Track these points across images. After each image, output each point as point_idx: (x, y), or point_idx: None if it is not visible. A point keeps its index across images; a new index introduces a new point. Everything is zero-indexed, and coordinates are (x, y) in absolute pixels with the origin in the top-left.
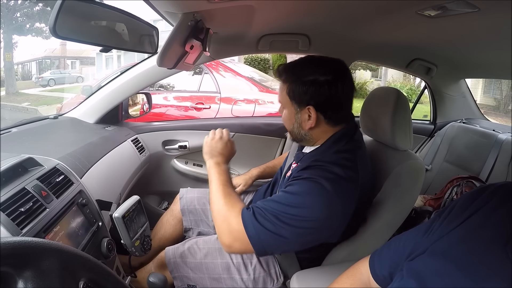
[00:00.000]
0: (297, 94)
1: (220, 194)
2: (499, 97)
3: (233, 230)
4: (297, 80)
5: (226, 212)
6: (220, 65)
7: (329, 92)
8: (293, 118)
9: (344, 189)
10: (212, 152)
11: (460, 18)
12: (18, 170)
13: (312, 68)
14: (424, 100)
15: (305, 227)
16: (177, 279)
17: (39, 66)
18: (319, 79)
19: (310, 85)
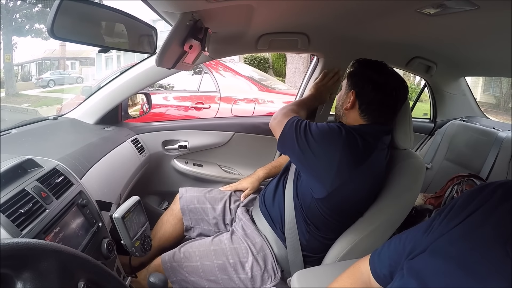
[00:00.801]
0: (352, 78)
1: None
2: (499, 95)
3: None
4: (359, 69)
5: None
6: (220, 64)
7: (372, 91)
8: (341, 96)
9: (356, 147)
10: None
11: (460, 16)
12: (18, 171)
13: (374, 69)
14: (424, 98)
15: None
16: (175, 283)
17: (39, 67)
18: (373, 77)
19: (363, 77)
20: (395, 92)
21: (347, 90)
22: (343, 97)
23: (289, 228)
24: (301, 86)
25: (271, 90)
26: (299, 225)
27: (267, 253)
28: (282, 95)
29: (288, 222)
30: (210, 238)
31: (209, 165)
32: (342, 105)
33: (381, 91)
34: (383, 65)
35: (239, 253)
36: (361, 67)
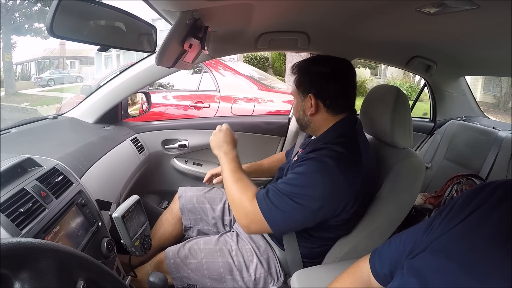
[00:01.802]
0: (301, 83)
1: (232, 181)
2: (498, 94)
3: (249, 212)
4: (303, 72)
5: (240, 197)
6: (220, 63)
7: (327, 83)
8: (298, 106)
9: (347, 164)
10: (218, 144)
11: (460, 15)
12: (18, 171)
13: (317, 63)
14: (423, 98)
15: (314, 205)
16: (177, 279)
17: (38, 66)
18: (320, 71)
19: (312, 76)
20: (346, 75)
21: (302, 97)
22: (301, 105)
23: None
24: None
25: (271, 89)
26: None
27: (270, 256)
28: (281, 94)
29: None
30: (216, 237)
31: (209, 164)
32: (304, 113)
33: (335, 80)
34: (321, 56)
35: (244, 255)
36: (303, 69)
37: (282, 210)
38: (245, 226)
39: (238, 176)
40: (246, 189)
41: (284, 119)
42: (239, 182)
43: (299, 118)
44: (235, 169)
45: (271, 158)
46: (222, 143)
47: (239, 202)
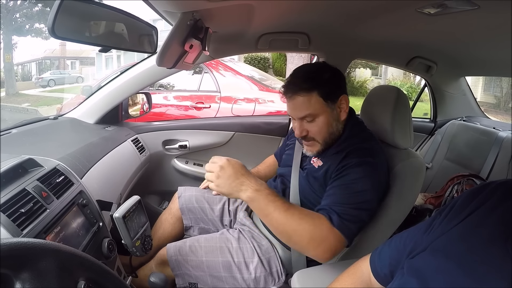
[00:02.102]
0: (331, 92)
1: (287, 216)
2: (499, 94)
3: (331, 241)
4: (323, 81)
5: (309, 227)
6: (220, 64)
7: (343, 77)
8: (331, 118)
9: (381, 158)
10: (235, 185)
11: (460, 16)
12: (18, 171)
13: (318, 67)
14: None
15: (374, 204)
16: (179, 276)
17: (39, 66)
18: (331, 70)
19: (333, 78)
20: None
21: (332, 106)
22: (334, 115)
23: None
24: None
25: (271, 89)
26: None
27: (272, 256)
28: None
29: None
30: (217, 234)
31: None
32: (338, 121)
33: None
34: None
35: (245, 253)
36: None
37: (357, 222)
38: (325, 259)
39: (287, 206)
40: (310, 215)
41: (285, 120)
42: (295, 213)
43: (333, 132)
44: (282, 202)
45: (264, 164)
46: (241, 181)
47: (310, 232)
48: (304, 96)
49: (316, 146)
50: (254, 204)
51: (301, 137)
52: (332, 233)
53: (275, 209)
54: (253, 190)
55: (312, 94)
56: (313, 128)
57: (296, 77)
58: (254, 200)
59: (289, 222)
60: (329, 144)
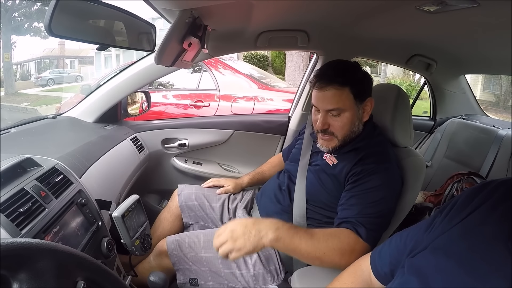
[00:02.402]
0: (360, 92)
1: (315, 241)
2: (498, 93)
3: (353, 249)
4: (356, 79)
5: (337, 245)
6: (219, 62)
7: (372, 82)
8: (355, 117)
9: (393, 156)
10: (253, 237)
11: (460, 13)
12: (17, 171)
13: (352, 67)
14: (423, 96)
15: (393, 208)
16: (180, 271)
17: (38, 66)
18: (363, 73)
19: (365, 79)
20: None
21: (359, 105)
22: (359, 114)
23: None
24: (300, 83)
25: (270, 88)
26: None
27: (271, 253)
28: (281, 93)
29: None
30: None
31: (209, 163)
32: (360, 121)
33: (369, 77)
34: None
35: None
36: (353, 77)
37: (380, 230)
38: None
39: (310, 233)
40: (335, 236)
41: (284, 118)
42: (320, 237)
43: (354, 130)
44: (303, 231)
45: (269, 164)
46: (257, 229)
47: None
48: (337, 89)
49: (334, 142)
50: (279, 244)
51: (321, 130)
52: (359, 244)
53: (301, 241)
54: (273, 231)
55: (345, 89)
56: (337, 123)
57: (330, 70)
58: (279, 240)
59: (318, 248)
60: (347, 142)
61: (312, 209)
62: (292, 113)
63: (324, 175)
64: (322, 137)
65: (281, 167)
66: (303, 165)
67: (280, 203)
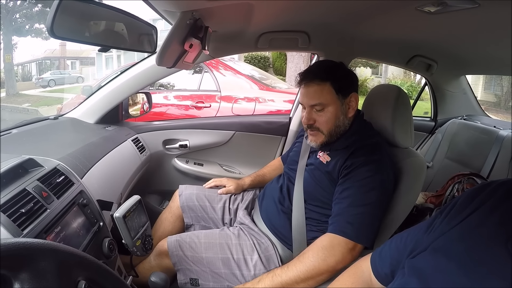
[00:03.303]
0: (342, 87)
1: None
2: (499, 93)
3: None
4: (338, 75)
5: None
6: (220, 63)
7: (355, 78)
8: (339, 112)
9: (384, 153)
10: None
11: (460, 14)
12: (19, 171)
13: (335, 64)
14: (424, 97)
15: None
16: (180, 272)
17: (39, 67)
18: (345, 70)
19: (348, 76)
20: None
21: (343, 100)
22: (343, 109)
23: (297, 232)
24: None
25: (271, 89)
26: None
27: (272, 254)
28: (282, 93)
29: (297, 226)
30: (217, 231)
31: (210, 164)
32: (345, 116)
33: (353, 73)
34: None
35: (244, 250)
36: (335, 73)
37: (370, 224)
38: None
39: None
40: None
41: (285, 119)
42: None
43: (339, 125)
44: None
45: (270, 167)
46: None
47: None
48: (318, 85)
49: (320, 137)
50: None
51: (307, 126)
52: (349, 244)
53: (281, 272)
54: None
55: (326, 84)
56: (321, 118)
57: (313, 67)
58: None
59: (306, 265)
60: (334, 137)
61: (310, 208)
62: (293, 114)
63: (318, 172)
64: (310, 133)
65: (281, 171)
66: (301, 166)
67: (281, 204)
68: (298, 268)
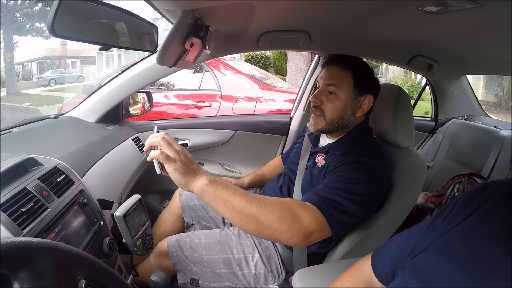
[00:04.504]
0: (362, 82)
1: (252, 197)
2: (500, 93)
3: (308, 224)
4: (362, 71)
5: (278, 204)
6: (221, 63)
7: (378, 85)
8: (348, 104)
9: (382, 164)
10: (190, 169)
11: (461, 14)
12: (19, 170)
13: (365, 63)
14: (425, 97)
15: (366, 202)
16: (181, 272)
17: (40, 66)
18: (372, 73)
19: (370, 77)
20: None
21: (357, 96)
22: (352, 104)
23: None
24: (302, 84)
25: (272, 88)
26: None
27: (272, 253)
28: (283, 93)
29: None
30: (218, 231)
31: (210, 164)
32: (353, 113)
33: (378, 81)
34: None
35: (245, 249)
36: (362, 67)
37: (343, 212)
38: (301, 240)
39: (246, 192)
40: (285, 201)
41: (286, 118)
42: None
43: (342, 117)
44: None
45: (269, 166)
46: (198, 170)
47: (290, 216)
48: (341, 69)
49: (321, 122)
50: (211, 189)
51: (314, 105)
52: (308, 210)
53: (235, 192)
54: (209, 178)
55: (347, 72)
56: (329, 103)
57: (341, 55)
58: (212, 183)
59: (253, 203)
60: (334, 127)
61: None
62: (294, 113)
63: (314, 178)
64: (313, 116)
65: (280, 170)
66: (301, 168)
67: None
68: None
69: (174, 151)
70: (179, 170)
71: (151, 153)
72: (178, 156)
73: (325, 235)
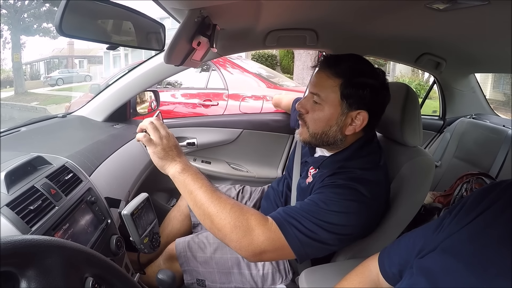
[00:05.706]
0: (353, 95)
1: (215, 196)
2: (509, 92)
3: (264, 240)
4: (356, 79)
5: (235, 212)
6: (228, 61)
7: (382, 100)
8: (333, 119)
9: (378, 193)
10: (168, 154)
11: (470, 11)
12: (28, 169)
13: (368, 70)
14: (433, 96)
15: (347, 233)
16: (187, 272)
17: (47, 65)
18: (375, 84)
19: (368, 88)
20: (387, 86)
21: (346, 110)
22: (339, 120)
23: None
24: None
25: (279, 87)
26: None
27: None
28: (290, 92)
29: None
30: None
31: (218, 162)
32: (340, 130)
33: (385, 93)
34: (369, 63)
35: None
36: (355, 75)
37: (310, 237)
38: (250, 256)
39: (214, 189)
40: (238, 206)
41: None
42: (222, 196)
43: (327, 134)
44: (209, 183)
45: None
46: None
47: (245, 229)
48: (328, 76)
49: (305, 133)
50: (181, 177)
51: (298, 115)
52: (265, 228)
53: (201, 186)
54: (184, 165)
55: (336, 81)
56: (313, 113)
57: (338, 58)
58: (183, 172)
59: (214, 203)
60: (318, 142)
61: None
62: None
63: (302, 189)
64: (300, 123)
65: None
66: (295, 181)
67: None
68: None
69: (157, 135)
70: (157, 154)
71: (137, 135)
72: (160, 141)
73: (287, 256)
